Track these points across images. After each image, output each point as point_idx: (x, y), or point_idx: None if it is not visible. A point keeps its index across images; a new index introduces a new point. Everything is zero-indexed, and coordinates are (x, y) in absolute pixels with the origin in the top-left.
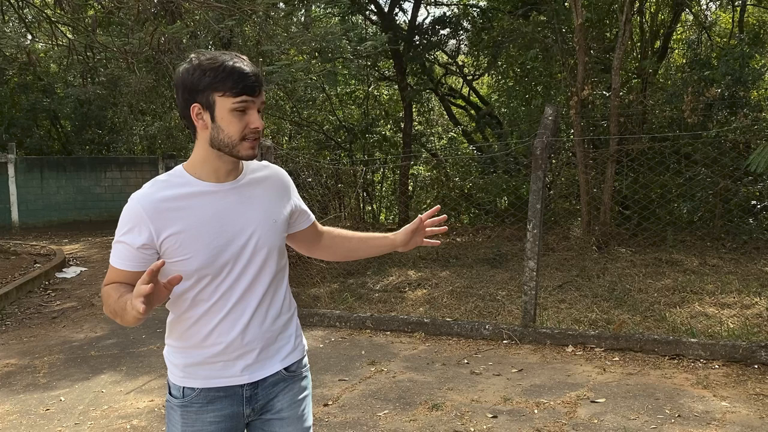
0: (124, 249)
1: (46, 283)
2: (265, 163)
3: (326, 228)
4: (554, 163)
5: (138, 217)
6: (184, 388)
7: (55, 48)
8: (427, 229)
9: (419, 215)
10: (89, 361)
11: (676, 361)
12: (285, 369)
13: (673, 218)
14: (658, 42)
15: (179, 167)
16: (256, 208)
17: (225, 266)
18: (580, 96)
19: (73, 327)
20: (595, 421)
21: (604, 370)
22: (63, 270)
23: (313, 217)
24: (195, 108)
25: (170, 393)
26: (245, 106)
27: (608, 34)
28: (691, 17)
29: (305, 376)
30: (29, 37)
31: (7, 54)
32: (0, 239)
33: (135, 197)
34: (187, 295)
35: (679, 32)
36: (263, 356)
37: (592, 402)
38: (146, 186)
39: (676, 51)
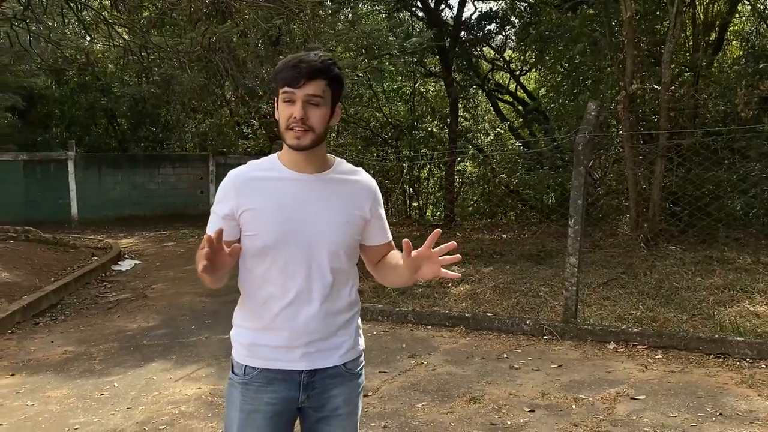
0: (214, 218)
1: (103, 275)
2: (358, 169)
3: (394, 252)
4: (603, 159)
5: (227, 190)
6: (246, 366)
7: (112, 49)
8: (440, 257)
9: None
10: (141, 350)
11: (720, 360)
12: (343, 365)
13: (726, 215)
14: (714, 34)
15: (275, 154)
16: (330, 204)
17: (288, 252)
18: (628, 90)
19: (126, 317)
20: (634, 417)
21: (646, 367)
22: (118, 263)
23: (388, 238)
24: (275, 100)
25: (233, 371)
26: (290, 97)
27: (659, 27)
28: (748, 7)
29: (360, 374)
30: (88, 38)
31: (68, 55)
32: (60, 233)
33: (230, 173)
34: (256, 272)
35: (736, 24)
36: (323, 347)
37: (632, 399)
38: (243, 165)
39: (733, 43)
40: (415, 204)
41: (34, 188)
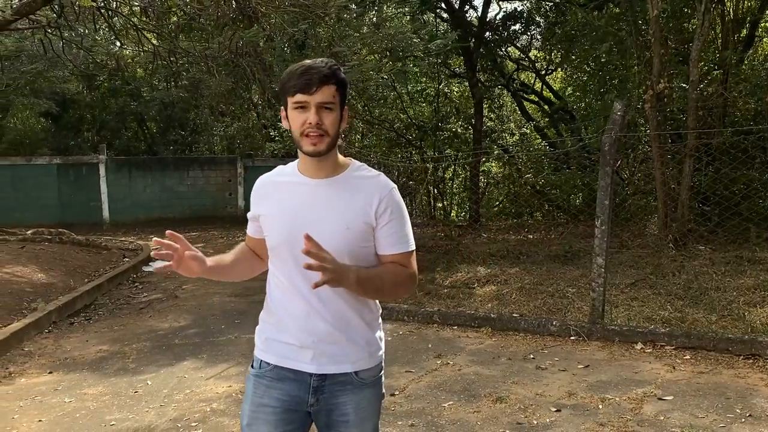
0: (248, 217)
1: (134, 276)
2: (375, 173)
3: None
4: (630, 158)
5: (252, 194)
6: (261, 361)
7: (142, 54)
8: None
9: None
10: (173, 349)
11: (751, 361)
12: (355, 373)
13: (757, 214)
14: (744, 31)
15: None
16: (333, 209)
17: (292, 255)
18: (655, 89)
19: (158, 317)
20: (661, 418)
21: (674, 368)
22: (149, 264)
23: (398, 250)
24: (282, 111)
25: (252, 365)
26: (302, 104)
27: (687, 25)
28: None
29: (377, 383)
30: (118, 44)
31: (98, 61)
32: (92, 235)
33: (259, 178)
34: (273, 271)
35: (767, 20)
36: (333, 352)
37: (659, 399)
38: (272, 170)
39: (765, 40)
40: (440, 205)
41: (67, 191)
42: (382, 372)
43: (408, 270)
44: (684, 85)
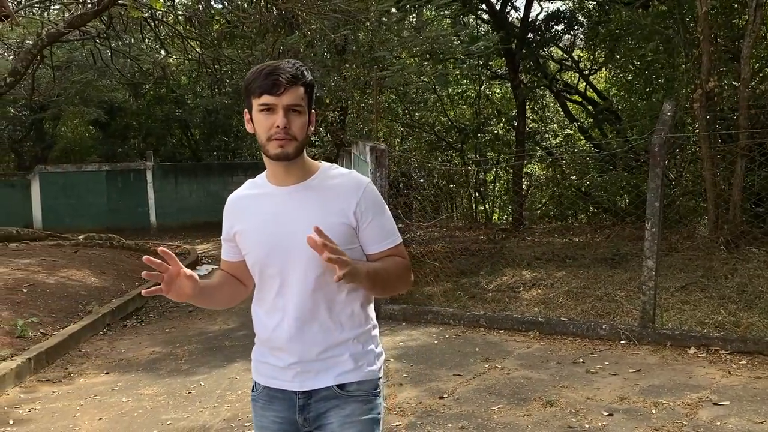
0: (222, 240)
1: None
2: (348, 171)
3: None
4: (678, 159)
5: (224, 214)
6: (255, 383)
7: (186, 62)
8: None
9: None
10: (224, 351)
11: None
12: (339, 387)
13: None
14: None
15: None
16: (308, 214)
17: (274, 267)
18: (704, 88)
19: (208, 320)
20: (718, 423)
21: (729, 373)
22: (196, 268)
23: (385, 246)
24: (246, 114)
25: (252, 388)
26: (268, 106)
27: (737, 21)
28: None
29: (368, 400)
30: (163, 52)
31: (145, 69)
32: (140, 239)
33: (230, 195)
34: (256, 289)
35: None
36: (316, 368)
37: (715, 404)
38: (241, 186)
39: None
40: (482, 208)
41: (116, 197)
42: (377, 390)
43: (405, 261)
44: (735, 83)
